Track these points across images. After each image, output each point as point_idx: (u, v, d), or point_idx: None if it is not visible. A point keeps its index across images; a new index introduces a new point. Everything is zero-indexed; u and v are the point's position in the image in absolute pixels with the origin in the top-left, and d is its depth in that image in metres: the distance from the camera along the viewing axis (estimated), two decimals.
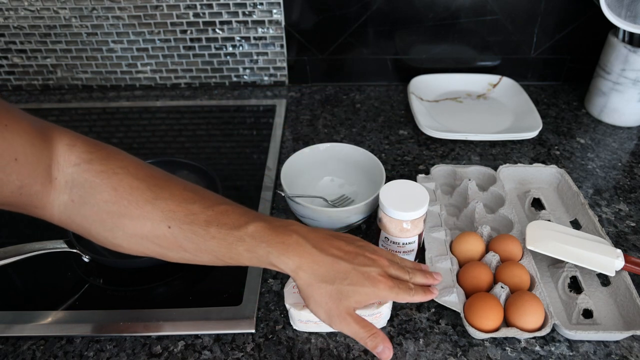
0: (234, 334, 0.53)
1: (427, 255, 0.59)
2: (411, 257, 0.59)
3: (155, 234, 0.45)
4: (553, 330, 0.52)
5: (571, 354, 0.51)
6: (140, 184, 0.45)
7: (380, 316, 0.51)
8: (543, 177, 0.73)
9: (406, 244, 0.57)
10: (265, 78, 1.02)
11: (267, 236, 0.45)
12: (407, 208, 0.54)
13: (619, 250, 0.57)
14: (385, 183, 0.58)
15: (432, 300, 0.56)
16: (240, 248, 0.45)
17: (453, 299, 0.53)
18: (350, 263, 0.45)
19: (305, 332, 0.53)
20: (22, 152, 0.40)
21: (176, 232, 0.45)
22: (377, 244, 0.59)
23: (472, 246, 0.58)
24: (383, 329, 0.53)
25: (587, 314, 0.54)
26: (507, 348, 0.51)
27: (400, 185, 0.57)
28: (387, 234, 0.56)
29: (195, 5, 0.91)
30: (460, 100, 0.94)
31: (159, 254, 0.47)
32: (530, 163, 0.77)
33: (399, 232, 0.55)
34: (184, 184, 0.48)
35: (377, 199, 0.59)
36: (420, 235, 0.57)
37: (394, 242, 0.57)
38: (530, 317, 0.50)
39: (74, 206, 0.44)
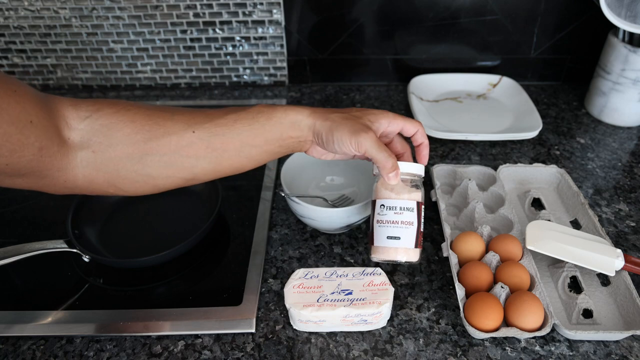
0: (234, 334, 0.53)
1: None
2: (410, 233, 0.52)
3: (183, 144, 0.49)
4: (553, 330, 0.52)
5: (571, 353, 0.51)
6: (154, 111, 0.49)
7: (380, 316, 0.51)
8: (543, 177, 0.73)
9: (404, 209, 0.52)
10: (265, 78, 1.02)
11: (277, 105, 0.52)
12: (403, 162, 0.53)
13: (619, 250, 0.57)
14: None
15: (432, 301, 0.56)
16: (262, 119, 0.50)
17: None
18: (348, 108, 0.53)
19: (305, 332, 0.53)
20: (34, 115, 0.42)
21: (201, 134, 0.49)
22: (371, 232, 0.54)
23: (472, 246, 0.58)
24: (383, 329, 0.53)
25: (587, 313, 0.54)
26: (507, 348, 0.51)
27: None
28: (382, 197, 0.53)
29: (195, 5, 0.91)
30: (460, 100, 0.94)
31: (189, 169, 0.51)
32: (530, 163, 0.77)
33: (395, 193, 0.52)
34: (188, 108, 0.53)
35: None
36: (419, 207, 0.53)
37: (390, 207, 0.52)
38: (530, 317, 0.50)
39: (97, 156, 0.47)
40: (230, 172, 0.53)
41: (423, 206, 0.54)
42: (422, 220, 0.53)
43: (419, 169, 0.54)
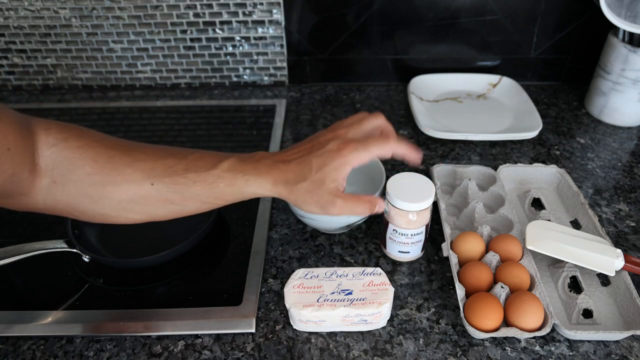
0: (234, 334, 0.53)
1: None
2: (418, 247, 0.59)
3: (141, 194, 0.48)
4: (553, 330, 0.52)
5: (571, 353, 0.51)
6: (116, 152, 0.48)
7: (380, 316, 0.51)
8: (543, 177, 0.73)
9: (414, 234, 0.57)
10: (265, 78, 1.02)
11: (240, 167, 0.48)
12: (414, 199, 0.55)
13: (619, 250, 0.57)
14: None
15: (432, 301, 0.56)
16: (221, 185, 0.48)
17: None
18: (309, 154, 0.48)
19: (305, 332, 0.53)
20: (13, 142, 0.42)
21: (160, 187, 0.48)
22: (384, 237, 0.60)
23: (472, 246, 0.58)
24: (383, 329, 0.53)
25: (587, 313, 0.54)
26: (507, 348, 0.51)
27: (407, 177, 0.58)
28: (395, 226, 0.57)
29: (195, 5, 0.91)
30: (460, 100, 0.94)
31: (148, 214, 0.50)
32: (530, 163, 0.77)
33: (405, 223, 0.56)
34: (154, 145, 0.51)
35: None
36: (426, 227, 0.58)
37: (402, 234, 0.57)
38: (530, 317, 0.50)
39: (57, 187, 0.46)
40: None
41: (430, 220, 0.59)
42: (429, 230, 0.60)
43: (428, 202, 0.56)
